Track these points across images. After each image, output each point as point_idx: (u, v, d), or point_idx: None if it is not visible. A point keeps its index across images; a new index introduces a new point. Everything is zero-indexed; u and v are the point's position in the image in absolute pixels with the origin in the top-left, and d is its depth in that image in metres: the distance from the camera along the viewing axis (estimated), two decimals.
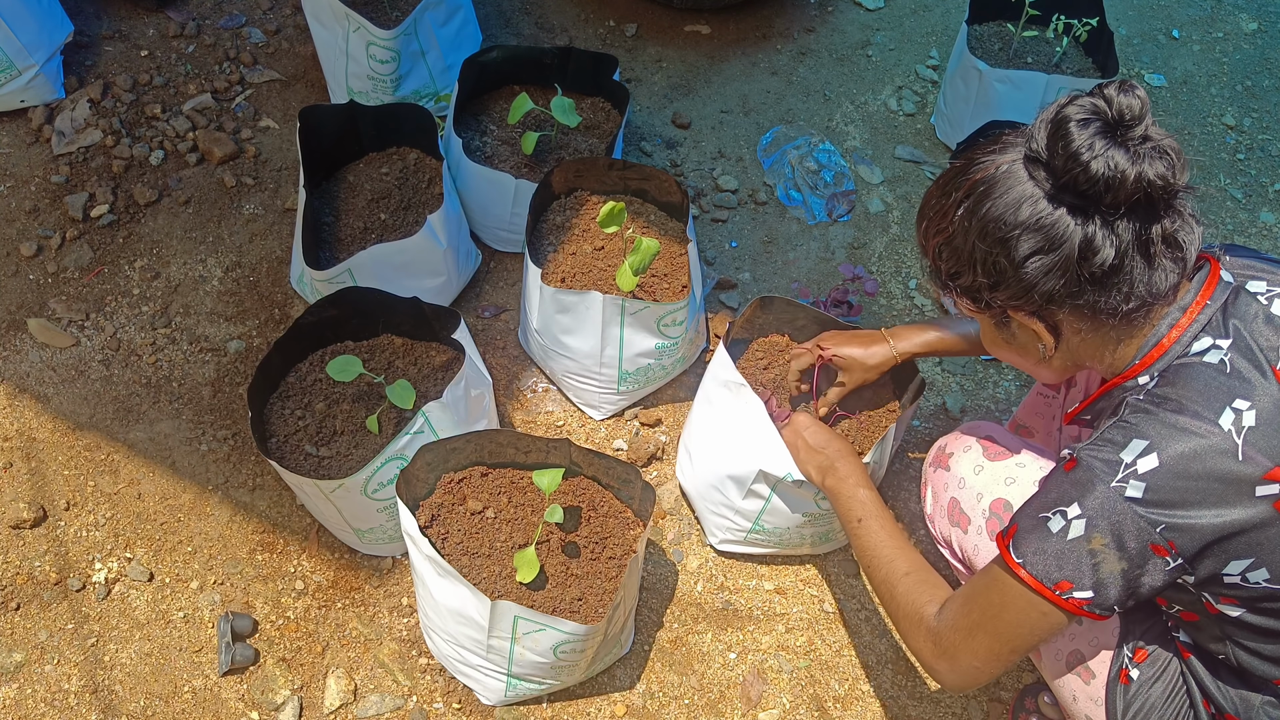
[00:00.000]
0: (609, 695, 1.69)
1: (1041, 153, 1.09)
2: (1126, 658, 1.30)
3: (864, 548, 1.39)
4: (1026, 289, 1.13)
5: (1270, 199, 2.58)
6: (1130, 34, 2.93)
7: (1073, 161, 1.05)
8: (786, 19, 2.80)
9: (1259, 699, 1.21)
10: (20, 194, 2.19)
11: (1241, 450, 1.06)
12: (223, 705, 1.63)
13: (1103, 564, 1.09)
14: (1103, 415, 1.25)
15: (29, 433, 1.88)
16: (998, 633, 1.17)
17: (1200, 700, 1.26)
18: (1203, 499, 1.07)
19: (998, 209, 1.11)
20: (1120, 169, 1.03)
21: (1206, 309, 1.13)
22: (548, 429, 1.98)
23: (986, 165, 1.14)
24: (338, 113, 1.99)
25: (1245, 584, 1.11)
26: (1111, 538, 1.08)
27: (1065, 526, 1.11)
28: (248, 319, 2.07)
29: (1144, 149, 1.04)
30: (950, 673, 1.22)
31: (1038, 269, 1.11)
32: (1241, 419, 1.07)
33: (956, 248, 1.17)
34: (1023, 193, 1.10)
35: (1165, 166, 1.05)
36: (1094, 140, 1.04)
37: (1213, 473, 1.06)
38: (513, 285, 2.18)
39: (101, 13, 2.51)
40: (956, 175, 1.18)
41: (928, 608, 1.26)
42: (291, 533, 1.81)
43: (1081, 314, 1.15)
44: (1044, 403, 1.67)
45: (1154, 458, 1.08)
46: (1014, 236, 1.11)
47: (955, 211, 1.16)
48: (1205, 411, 1.08)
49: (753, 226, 2.35)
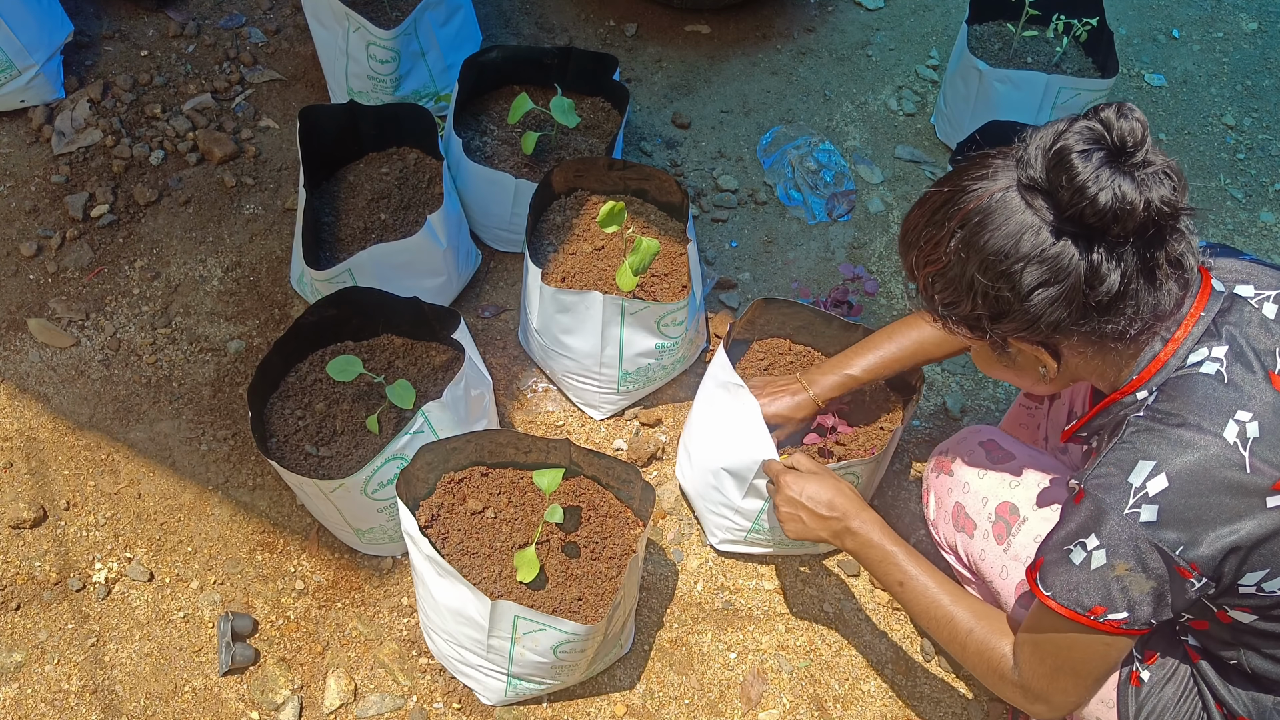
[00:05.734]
0: (609, 695, 1.69)
1: (1040, 182, 1.06)
2: (1137, 660, 1.30)
3: (916, 611, 1.37)
4: (1033, 320, 1.10)
5: (1270, 199, 2.58)
6: (1130, 34, 2.93)
7: (1079, 195, 1.02)
8: (786, 19, 2.80)
9: (1271, 700, 1.22)
10: (20, 194, 2.19)
11: (1249, 462, 1.05)
12: (223, 705, 1.63)
13: (1131, 586, 1.09)
14: (1102, 432, 1.24)
15: (29, 432, 1.88)
16: (1074, 670, 1.19)
17: (1212, 703, 1.26)
18: (1216, 515, 1.06)
19: (996, 241, 1.08)
20: (1129, 200, 1.01)
21: (1201, 320, 1.12)
22: (548, 429, 1.98)
23: (979, 194, 1.10)
24: (338, 113, 1.99)
25: (1261, 594, 1.10)
26: (1135, 562, 1.08)
27: (1087, 558, 1.11)
28: (248, 319, 2.07)
29: (1148, 175, 1.02)
30: (1050, 711, 1.25)
31: (1043, 301, 1.08)
32: (1245, 430, 1.06)
33: (952, 279, 1.14)
34: (1022, 223, 1.07)
35: (1170, 190, 1.03)
36: (1099, 172, 1.02)
37: (1223, 486, 1.06)
38: (513, 285, 2.18)
39: (101, 13, 2.51)
40: (945, 204, 1.14)
41: (1005, 662, 1.27)
42: (291, 533, 1.81)
43: (1087, 339, 1.13)
44: (1027, 414, 1.67)
45: (1162, 478, 1.07)
46: (1017, 269, 1.07)
47: (949, 242, 1.12)
48: (1208, 425, 1.07)
49: (753, 226, 2.35)
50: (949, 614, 1.33)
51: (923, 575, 1.36)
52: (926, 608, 1.35)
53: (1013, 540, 1.42)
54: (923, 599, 1.35)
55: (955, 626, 1.32)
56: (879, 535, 1.40)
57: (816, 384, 1.67)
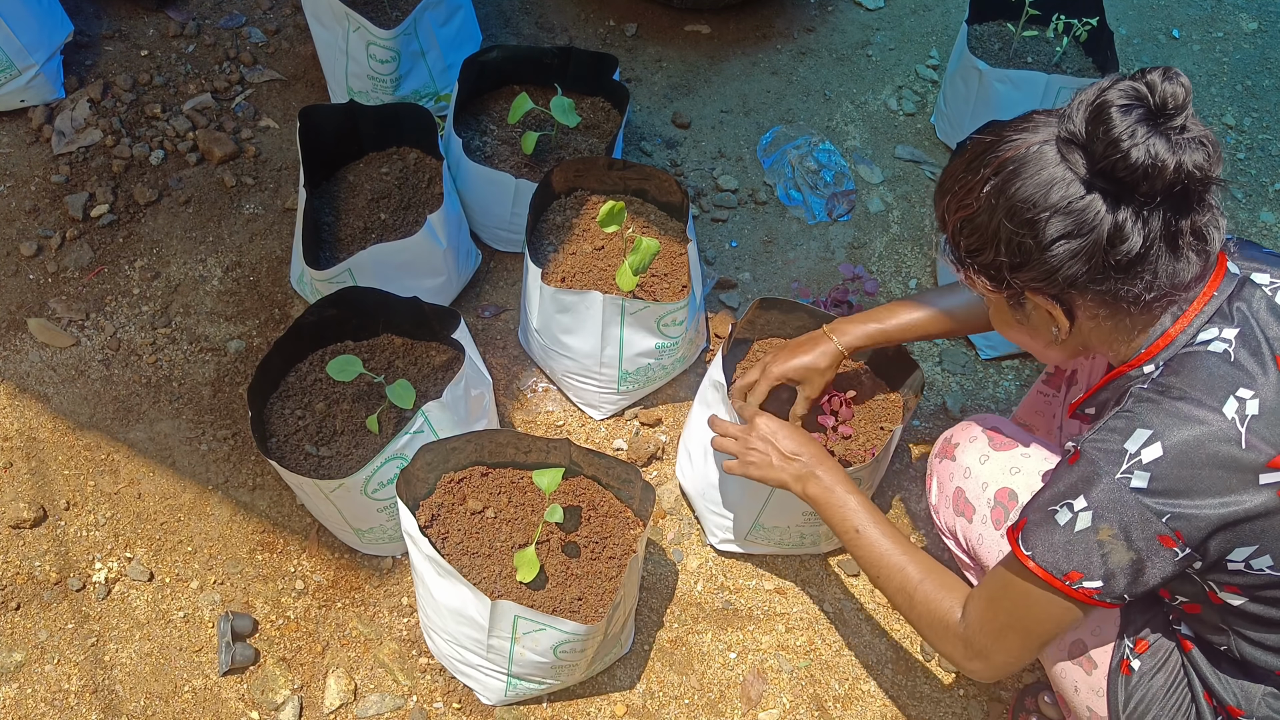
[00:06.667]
0: (609, 695, 1.69)
1: (1079, 135, 1.08)
2: (1128, 648, 1.31)
3: (869, 559, 1.38)
4: (1050, 272, 1.12)
5: (1270, 199, 2.58)
6: (1130, 34, 2.93)
7: (1113, 148, 1.04)
8: (786, 19, 2.80)
9: (1260, 690, 1.22)
10: (20, 194, 2.19)
11: (1245, 438, 1.06)
12: (223, 705, 1.63)
13: (1111, 554, 1.10)
14: (1106, 406, 1.25)
15: (29, 432, 1.88)
16: (1025, 630, 1.19)
17: (1201, 692, 1.26)
18: (1207, 487, 1.07)
19: (1028, 189, 1.10)
20: (1160, 158, 1.02)
21: (1214, 300, 1.13)
22: (548, 429, 1.98)
23: (1017, 144, 1.13)
24: (338, 112, 1.99)
25: (1249, 571, 1.11)
26: (1119, 529, 1.09)
27: (1073, 519, 1.11)
28: (248, 319, 2.07)
29: (1184, 139, 1.04)
30: (986, 670, 1.26)
31: (1064, 253, 1.10)
32: (1245, 407, 1.07)
33: (979, 225, 1.16)
34: (1054, 175, 1.09)
35: (1204, 158, 1.04)
36: (1136, 127, 1.03)
37: (1216, 460, 1.07)
38: (513, 285, 2.18)
39: (101, 13, 2.51)
40: (985, 151, 1.16)
41: (951, 614, 1.27)
42: (291, 533, 1.81)
43: (1102, 300, 1.14)
44: (1044, 401, 1.67)
45: (1158, 447, 1.08)
46: (1043, 218, 1.10)
47: (982, 188, 1.14)
48: (1209, 400, 1.08)
49: (753, 226, 2.35)
50: (900, 563, 1.35)
51: (878, 526, 1.39)
52: (880, 556, 1.37)
53: None
54: (877, 548, 1.38)
55: (906, 576, 1.34)
56: (841, 486, 1.44)
57: (844, 333, 1.62)
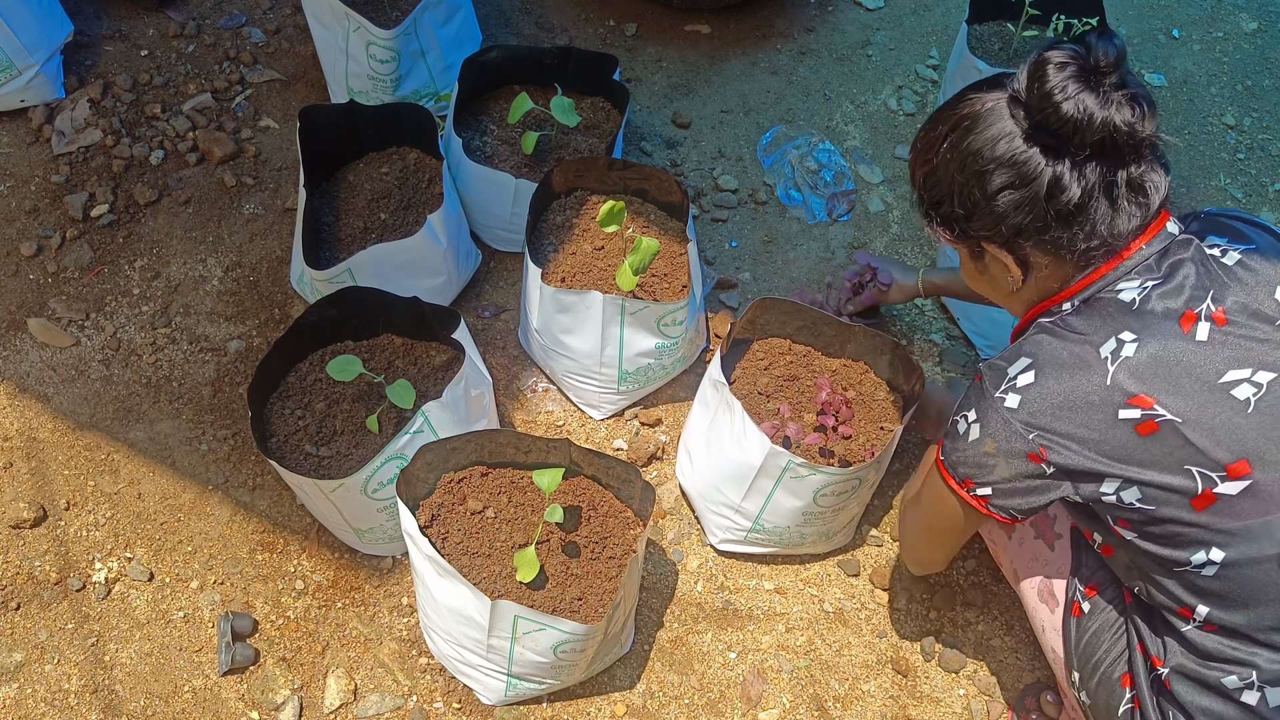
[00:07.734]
0: (609, 695, 1.69)
1: (1021, 93, 1.15)
2: (1079, 591, 1.38)
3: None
4: (996, 221, 1.20)
5: (1270, 199, 2.58)
6: (1130, 34, 2.93)
7: (1045, 101, 1.11)
8: (786, 19, 2.80)
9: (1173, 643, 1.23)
10: (20, 194, 2.19)
11: (1111, 375, 1.13)
12: (223, 705, 1.63)
13: (996, 468, 1.20)
14: None
15: (29, 432, 1.88)
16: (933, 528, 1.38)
17: (1135, 642, 1.30)
18: (1068, 417, 1.15)
19: (977, 143, 1.18)
20: (1088, 111, 1.09)
21: (1141, 251, 1.19)
22: (548, 429, 1.98)
23: (974, 101, 1.20)
24: (338, 112, 1.99)
25: (1121, 504, 1.16)
26: (1002, 444, 1.19)
27: (967, 429, 1.23)
28: (248, 319, 2.07)
29: (1115, 95, 1.10)
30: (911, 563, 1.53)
31: (1008, 203, 1.18)
32: (1122, 349, 1.14)
33: (939, 179, 1.24)
34: (1001, 129, 1.17)
35: (1133, 114, 1.10)
36: (1068, 83, 1.10)
37: (1077, 393, 1.14)
38: (513, 285, 2.18)
39: (101, 13, 2.51)
40: (946, 110, 1.24)
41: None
42: (291, 532, 1.81)
43: (1045, 249, 1.21)
44: None
45: (1031, 374, 1.17)
46: (989, 170, 1.17)
47: (941, 144, 1.23)
48: (1093, 338, 1.16)
49: (753, 226, 2.35)
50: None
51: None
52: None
53: None
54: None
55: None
56: None
57: (928, 274, 1.92)
